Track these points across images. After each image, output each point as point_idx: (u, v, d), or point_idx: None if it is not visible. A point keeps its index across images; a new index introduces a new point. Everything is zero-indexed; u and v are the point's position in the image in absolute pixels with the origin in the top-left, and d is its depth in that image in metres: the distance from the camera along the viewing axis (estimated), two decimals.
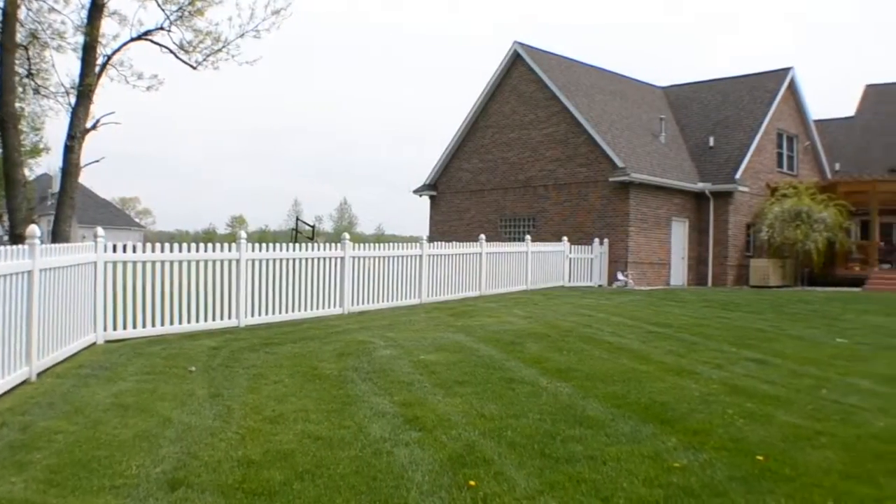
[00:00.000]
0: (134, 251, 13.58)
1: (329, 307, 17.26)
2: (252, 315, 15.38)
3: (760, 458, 6.37)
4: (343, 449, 6.54)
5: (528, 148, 32.79)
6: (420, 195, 37.49)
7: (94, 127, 19.53)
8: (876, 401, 8.64)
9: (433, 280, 20.64)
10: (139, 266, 13.41)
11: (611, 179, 29.55)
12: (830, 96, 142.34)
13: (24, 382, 8.90)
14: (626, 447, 6.62)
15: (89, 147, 26.53)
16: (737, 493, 5.56)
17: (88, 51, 19.55)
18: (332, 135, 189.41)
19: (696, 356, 11.68)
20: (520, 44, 33.15)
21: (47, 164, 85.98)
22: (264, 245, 16.11)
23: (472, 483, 5.67)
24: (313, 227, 51.11)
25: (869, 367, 10.95)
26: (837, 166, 40.43)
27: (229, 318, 14.92)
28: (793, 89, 37.18)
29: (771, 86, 36.10)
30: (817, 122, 40.53)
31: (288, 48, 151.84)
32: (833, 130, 44.20)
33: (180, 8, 20.96)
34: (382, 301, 18.83)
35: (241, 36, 21.49)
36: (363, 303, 18.23)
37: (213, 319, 14.62)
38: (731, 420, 7.64)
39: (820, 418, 7.77)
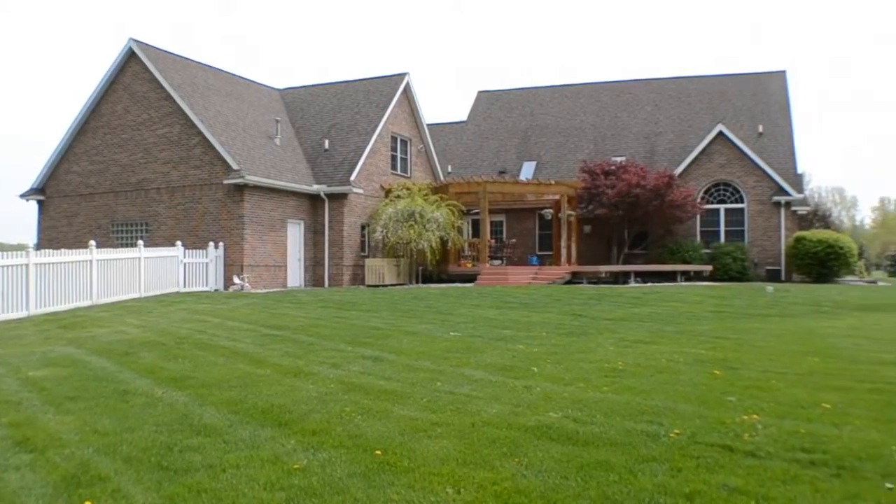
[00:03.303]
0: None
1: None
2: None
3: (379, 452, 6.57)
4: None
5: (141, 149, 31.72)
6: (27, 200, 34.98)
7: None
8: (488, 389, 9.21)
9: (42, 290, 19.58)
10: None
11: (226, 182, 29.41)
12: (451, 102, 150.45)
13: None
14: (246, 453, 6.65)
15: None
16: (358, 488, 5.71)
17: None
18: None
19: (313, 357, 11.94)
20: (135, 41, 31.84)
21: None
22: None
23: (87, 503, 5.50)
24: None
25: (481, 358, 11.63)
26: (450, 168, 42.98)
27: None
28: (408, 94, 38.92)
29: (387, 90, 37.58)
30: (432, 125, 42.83)
31: None
32: (446, 134, 46.98)
33: None
34: None
35: None
36: None
37: None
38: (349, 418, 7.85)
39: (436, 410, 8.16)
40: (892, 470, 5.93)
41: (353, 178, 33.20)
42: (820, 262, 32.92)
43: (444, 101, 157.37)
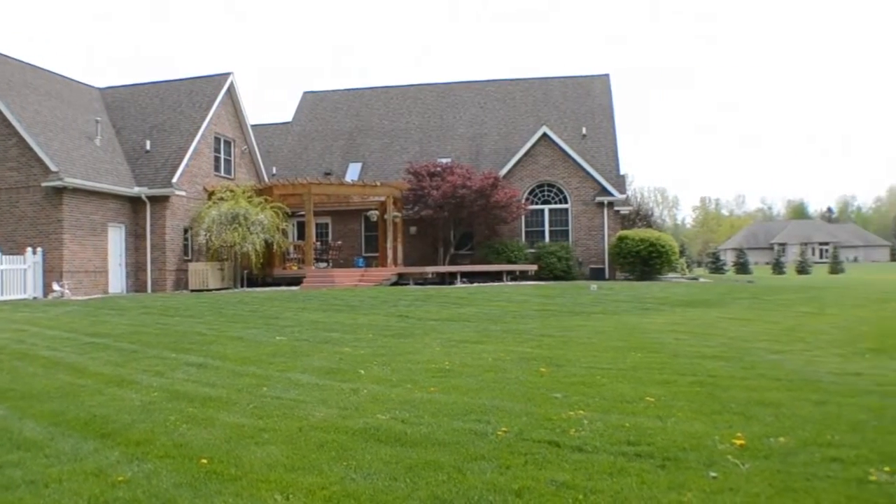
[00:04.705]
0: None
1: None
2: None
3: (205, 461, 6.46)
4: None
5: None
6: None
7: None
8: (316, 393, 9.20)
9: None
10: None
11: (44, 184, 28.32)
12: (278, 103, 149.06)
13: None
14: (69, 466, 6.45)
15: None
16: (184, 498, 5.60)
17: None
18: None
19: (136, 365, 11.67)
20: None
21: None
22: None
23: None
24: None
25: (308, 362, 11.60)
26: (275, 170, 42.37)
27: None
28: (232, 94, 38.31)
29: (210, 90, 36.93)
30: (257, 126, 42.23)
31: None
32: (271, 135, 46.45)
33: None
34: None
35: None
36: None
37: None
38: (173, 427, 7.70)
39: (262, 416, 8.08)
40: (716, 459, 6.22)
41: (175, 179, 32.47)
42: (643, 260, 34.18)
43: (270, 103, 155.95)
